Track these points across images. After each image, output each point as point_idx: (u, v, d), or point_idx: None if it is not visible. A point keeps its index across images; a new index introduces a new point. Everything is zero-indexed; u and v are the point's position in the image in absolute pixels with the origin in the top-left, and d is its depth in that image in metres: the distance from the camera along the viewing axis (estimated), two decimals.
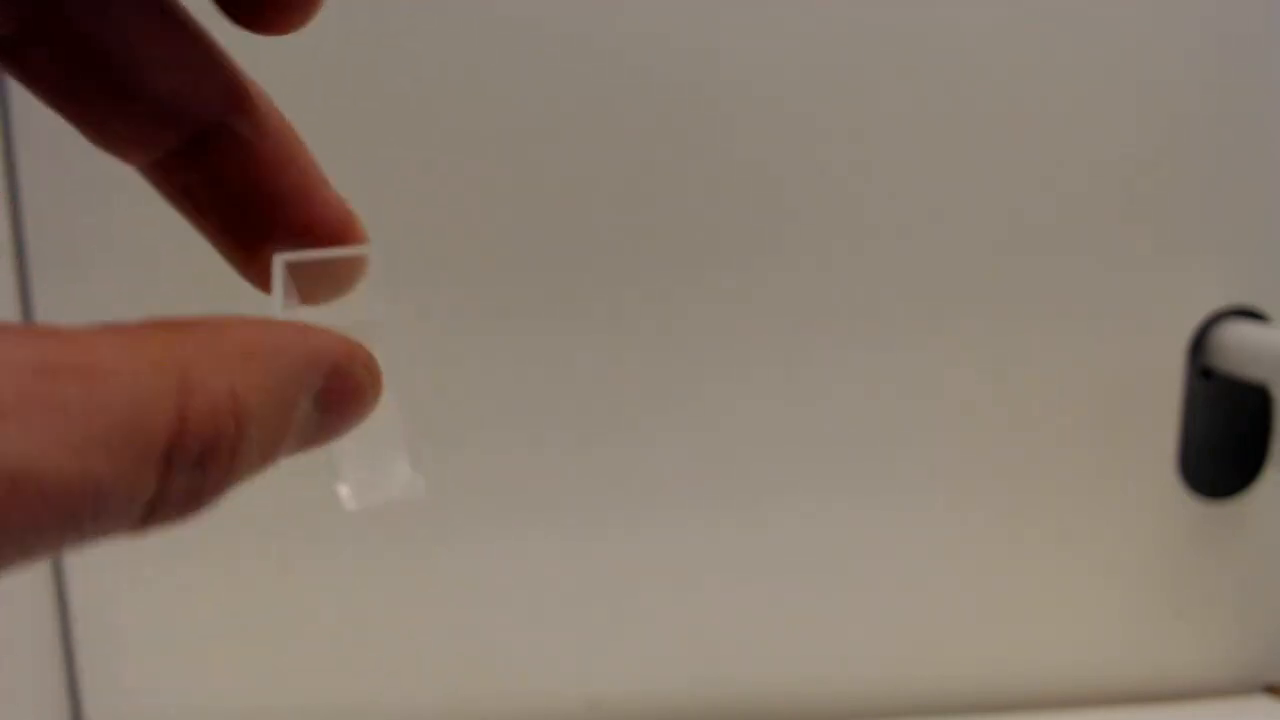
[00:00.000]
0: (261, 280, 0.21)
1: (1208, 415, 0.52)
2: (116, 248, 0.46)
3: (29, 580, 0.47)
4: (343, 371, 0.18)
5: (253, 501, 0.23)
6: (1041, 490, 0.52)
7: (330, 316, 0.20)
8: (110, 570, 0.49)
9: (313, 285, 0.21)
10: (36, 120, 0.45)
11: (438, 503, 0.49)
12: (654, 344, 0.49)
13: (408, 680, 0.51)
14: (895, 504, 0.51)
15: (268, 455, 0.16)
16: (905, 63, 0.48)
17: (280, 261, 0.20)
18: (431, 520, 0.49)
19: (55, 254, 0.46)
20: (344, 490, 0.21)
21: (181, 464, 0.14)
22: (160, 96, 0.20)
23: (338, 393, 0.18)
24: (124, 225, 0.45)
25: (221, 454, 0.15)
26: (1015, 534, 0.52)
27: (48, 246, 0.46)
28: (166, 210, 0.25)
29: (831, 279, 0.49)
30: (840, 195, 0.49)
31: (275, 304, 0.20)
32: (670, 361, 0.49)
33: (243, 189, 0.21)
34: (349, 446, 0.20)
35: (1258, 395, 0.52)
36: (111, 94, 0.20)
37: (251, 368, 0.16)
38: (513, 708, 0.51)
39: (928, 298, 0.50)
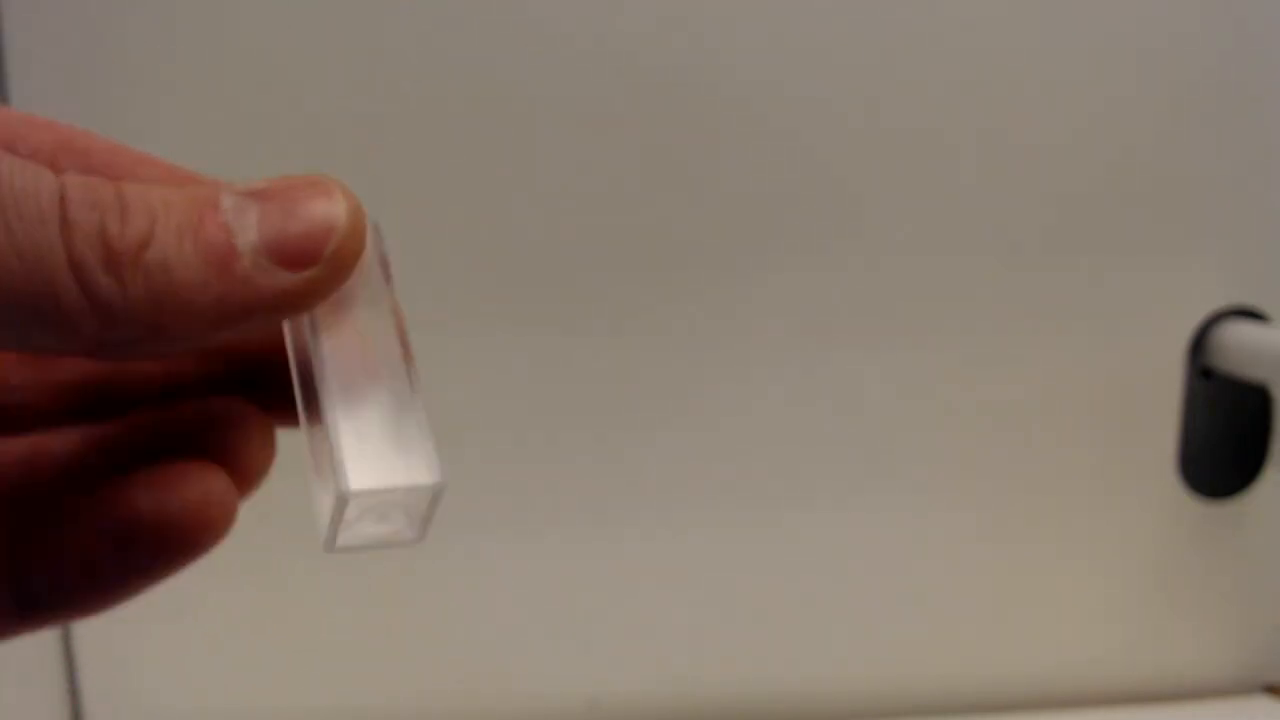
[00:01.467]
0: None
1: (1208, 415, 0.52)
2: None
3: None
4: (288, 185, 0.17)
5: (253, 501, 0.23)
6: (1041, 490, 0.52)
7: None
8: None
9: None
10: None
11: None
12: (653, 345, 0.49)
13: (408, 680, 0.51)
14: (893, 504, 0.51)
15: (190, 249, 0.15)
16: (904, 65, 0.48)
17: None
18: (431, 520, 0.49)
19: None
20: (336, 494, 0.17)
21: (86, 241, 0.14)
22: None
23: (283, 206, 0.16)
24: None
25: (125, 237, 0.15)
26: (1014, 534, 0.52)
27: None
28: None
29: (831, 280, 0.49)
30: (840, 196, 0.48)
31: None
32: (671, 363, 0.49)
33: None
34: (346, 429, 0.17)
35: (1258, 395, 0.52)
36: None
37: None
38: (513, 708, 0.51)
39: (926, 298, 0.50)
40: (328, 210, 0.16)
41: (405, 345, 0.19)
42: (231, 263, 0.15)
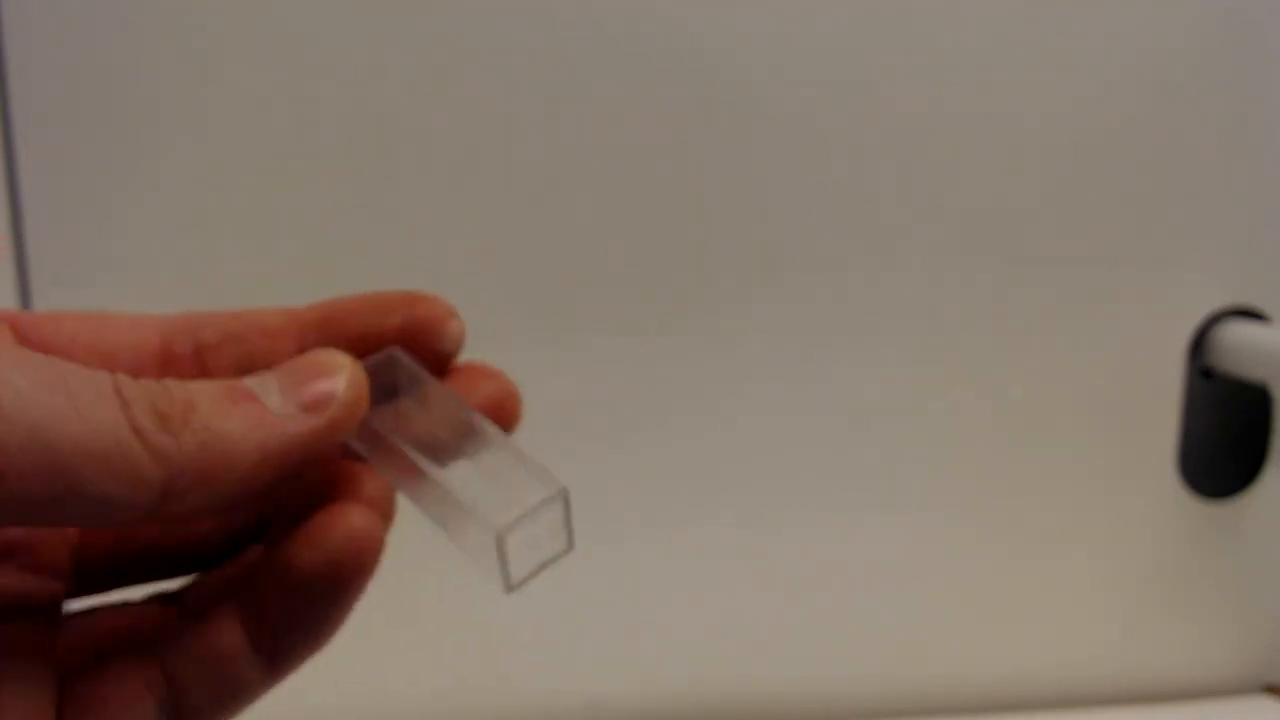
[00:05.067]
0: None
1: (1208, 415, 0.52)
2: (117, 251, 0.46)
3: None
4: (307, 362, 0.20)
5: None
6: (1042, 490, 0.52)
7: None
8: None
9: None
10: (36, 120, 0.45)
11: None
12: (657, 354, 0.49)
13: (408, 680, 0.51)
14: (895, 504, 0.51)
15: (228, 409, 0.19)
16: (908, 74, 0.48)
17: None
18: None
19: (55, 256, 0.46)
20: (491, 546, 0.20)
21: (142, 412, 0.18)
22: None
23: (301, 378, 0.20)
24: (124, 228, 0.46)
25: (174, 405, 0.18)
26: (1015, 534, 0.52)
27: (48, 248, 0.46)
28: (166, 213, 0.25)
29: (834, 279, 0.49)
30: (840, 198, 0.49)
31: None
32: (674, 371, 0.49)
33: None
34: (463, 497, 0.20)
35: (1258, 395, 0.52)
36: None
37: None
38: (513, 708, 0.51)
39: (928, 298, 0.50)
40: (330, 364, 0.20)
41: (462, 405, 0.22)
42: (264, 415, 0.19)
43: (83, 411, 0.17)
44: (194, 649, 0.21)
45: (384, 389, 0.21)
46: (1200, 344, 0.51)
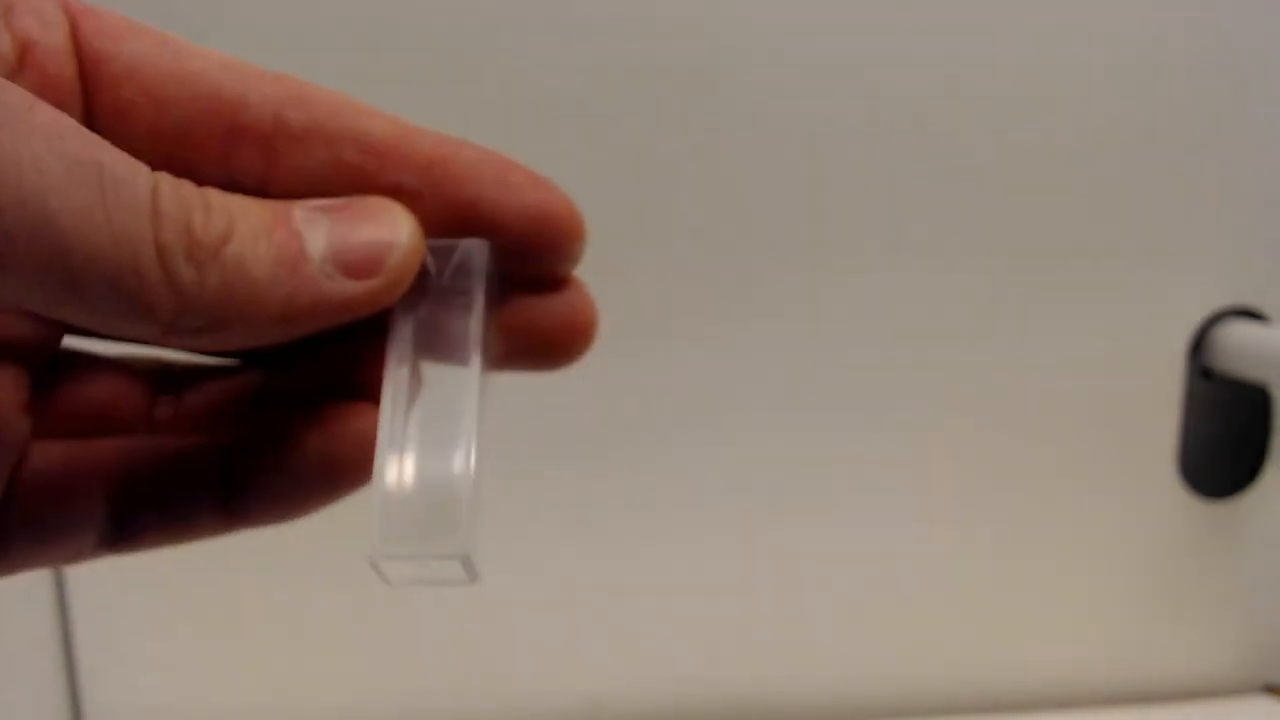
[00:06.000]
0: None
1: (1208, 415, 0.52)
2: None
3: (29, 580, 0.47)
4: (359, 209, 0.18)
5: None
6: (1041, 490, 0.52)
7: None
8: (110, 570, 0.49)
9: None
10: None
11: None
12: (657, 355, 0.49)
13: (408, 680, 0.51)
14: (895, 505, 0.51)
15: (265, 250, 0.17)
16: (911, 76, 0.48)
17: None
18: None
19: None
20: (374, 542, 0.18)
21: (173, 231, 0.16)
22: None
23: (349, 231, 0.18)
24: None
25: (208, 232, 0.16)
26: (1015, 534, 0.52)
27: None
28: None
29: (833, 278, 0.49)
30: (846, 202, 0.49)
31: None
32: (674, 372, 0.49)
33: None
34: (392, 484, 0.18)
35: (1258, 395, 0.52)
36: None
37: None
38: (513, 708, 0.51)
39: (927, 298, 0.50)
40: (391, 229, 0.18)
41: (484, 348, 0.19)
42: (301, 265, 0.17)
43: (110, 216, 0.15)
44: (161, 474, 0.20)
45: (434, 276, 0.19)
46: (1200, 344, 0.51)
